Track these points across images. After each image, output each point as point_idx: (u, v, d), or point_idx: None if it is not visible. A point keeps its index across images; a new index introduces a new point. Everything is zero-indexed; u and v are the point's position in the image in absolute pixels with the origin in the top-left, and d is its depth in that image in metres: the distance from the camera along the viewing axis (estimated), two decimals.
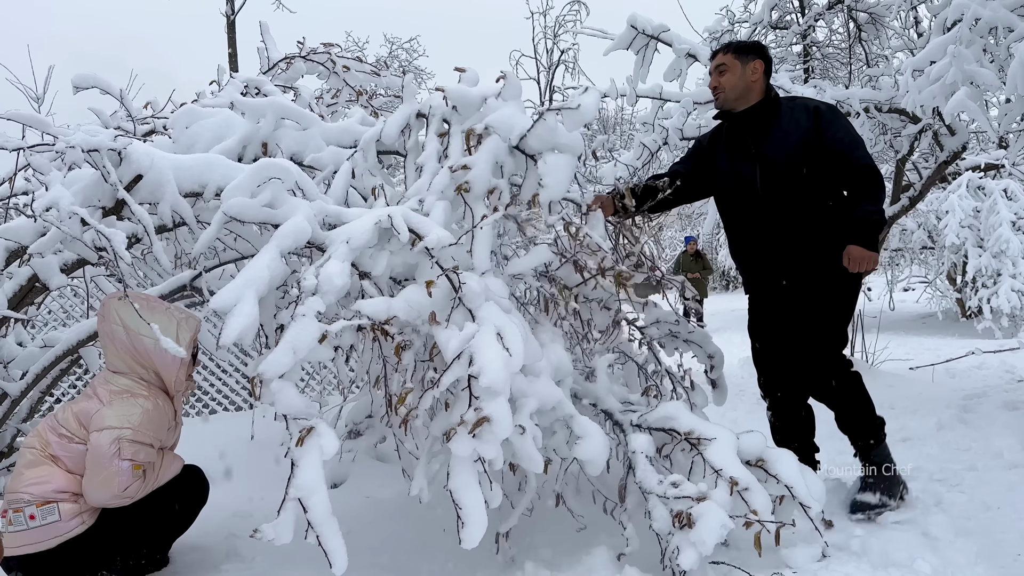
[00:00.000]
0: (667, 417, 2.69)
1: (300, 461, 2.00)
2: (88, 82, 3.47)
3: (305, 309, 2.09)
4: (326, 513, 1.98)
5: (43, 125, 2.69)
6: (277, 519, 1.97)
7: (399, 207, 2.41)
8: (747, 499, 2.42)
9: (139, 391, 2.68)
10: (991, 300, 9.31)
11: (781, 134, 3.07)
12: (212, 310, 2.06)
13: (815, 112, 3.05)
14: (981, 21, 4.02)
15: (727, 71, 3.13)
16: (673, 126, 5.49)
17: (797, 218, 3.05)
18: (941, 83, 4.10)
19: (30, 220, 2.59)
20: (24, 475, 2.56)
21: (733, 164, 3.19)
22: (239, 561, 2.98)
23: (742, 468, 2.49)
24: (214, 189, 2.59)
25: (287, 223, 2.28)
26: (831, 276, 3.03)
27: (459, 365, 2.13)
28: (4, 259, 2.67)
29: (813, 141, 3.01)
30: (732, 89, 3.13)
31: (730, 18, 9.00)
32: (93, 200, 2.47)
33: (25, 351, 3.41)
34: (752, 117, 3.14)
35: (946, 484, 3.46)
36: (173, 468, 2.76)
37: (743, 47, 3.18)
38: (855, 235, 2.91)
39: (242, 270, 2.14)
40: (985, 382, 6.04)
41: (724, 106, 3.19)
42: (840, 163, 2.99)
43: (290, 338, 2.04)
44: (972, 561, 2.57)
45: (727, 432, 2.62)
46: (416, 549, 3.05)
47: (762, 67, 3.13)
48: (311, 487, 1.97)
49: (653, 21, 5.10)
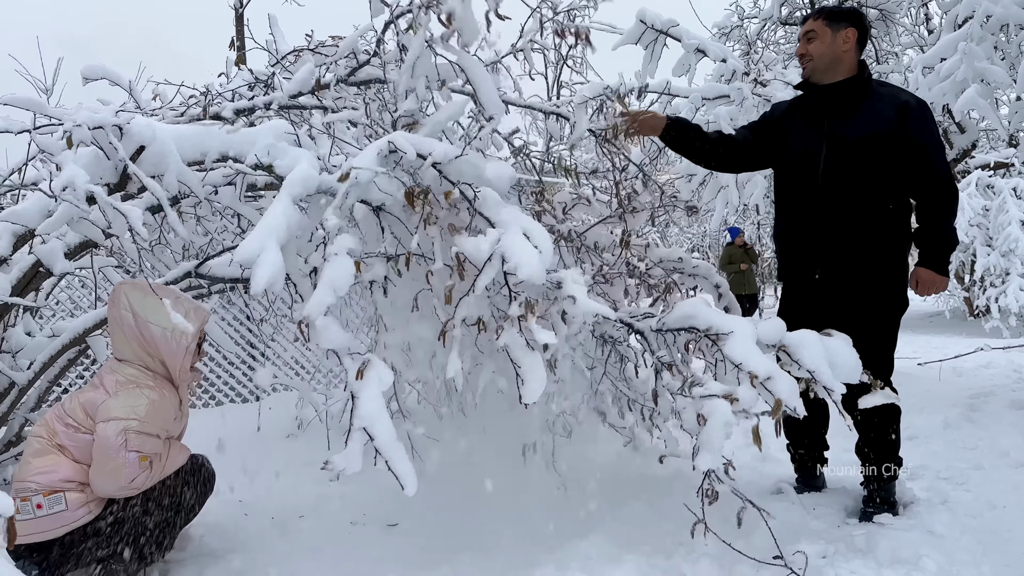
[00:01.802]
0: (686, 316, 2.59)
1: (361, 393, 2.04)
2: (97, 73, 3.47)
3: (336, 248, 2.13)
4: (392, 439, 2.02)
5: (41, 107, 2.68)
6: (345, 449, 2.00)
7: (397, 133, 2.41)
8: (771, 388, 2.32)
9: (145, 381, 2.69)
10: (999, 299, 9.28)
11: (860, 119, 2.86)
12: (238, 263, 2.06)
13: (903, 107, 2.81)
14: (992, 18, 4.00)
15: (815, 38, 2.93)
16: None
17: (850, 212, 2.88)
18: (951, 80, 4.09)
19: (36, 202, 2.58)
20: (31, 464, 2.57)
21: (801, 139, 3.01)
22: (245, 551, 2.99)
23: (762, 359, 2.37)
24: (215, 156, 2.60)
25: (294, 171, 2.29)
26: (868, 283, 2.89)
27: (492, 267, 2.15)
28: (12, 244, 2.66)
29: (891, 136, 2.80)
30: (820, 58, 2.93)
31: (739, 13, 8.97)
32: (96, 178, 2.46)
33: (33, 341, 3.42)
34: (834, 93, 2.93)
35: (952, 482, 3.45)
36: (180, 458, 2.77)
37: (836, 13, 2.94)
38: (927, 255, 2.76)
39: (259, 222, 2.15)
40: (992, 381, 6.02)
41: (810, 76, 2.99)
42: (917, 168, 2.80)
43: (327, 278, 2.08)
44: (978, 559, 2.57)
45: (744, 323, 2.49)
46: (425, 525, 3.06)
47: (855, 36, 2.90)
48: (374, 415, 2.02)
49: (662, 16, 5.08)
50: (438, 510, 3.40)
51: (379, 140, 2.38)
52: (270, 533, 3.21)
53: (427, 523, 3.24)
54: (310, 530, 3.25)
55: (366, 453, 2.01)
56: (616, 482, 3.70)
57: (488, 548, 2.92)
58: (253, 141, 2.55)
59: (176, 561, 2.90)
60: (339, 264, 2.11)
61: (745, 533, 2.56)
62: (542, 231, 2.24)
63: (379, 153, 2.32)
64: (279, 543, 3.10)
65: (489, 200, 2.28)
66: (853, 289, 2.93)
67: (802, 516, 3.02)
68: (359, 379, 2.07)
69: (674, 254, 3.25)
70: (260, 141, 2.52)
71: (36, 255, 2.78)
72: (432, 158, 2.28)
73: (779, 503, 3.10)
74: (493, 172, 2.39)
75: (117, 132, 2.43)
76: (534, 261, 2.11)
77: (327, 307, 2.06)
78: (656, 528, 2.92)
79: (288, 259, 2.18)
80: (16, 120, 2.88)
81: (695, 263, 3.26)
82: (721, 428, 2.26)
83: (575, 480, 3.45)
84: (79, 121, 2.36)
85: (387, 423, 2.03)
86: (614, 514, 3.16)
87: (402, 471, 2.01)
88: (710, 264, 3.34)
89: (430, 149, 2.31)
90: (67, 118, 2.42)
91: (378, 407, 2.03)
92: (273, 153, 2.47)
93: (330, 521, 3.36)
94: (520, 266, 2.10)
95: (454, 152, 2.30)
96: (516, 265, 2.11)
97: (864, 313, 2.89)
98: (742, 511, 2.40)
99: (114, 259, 3.94)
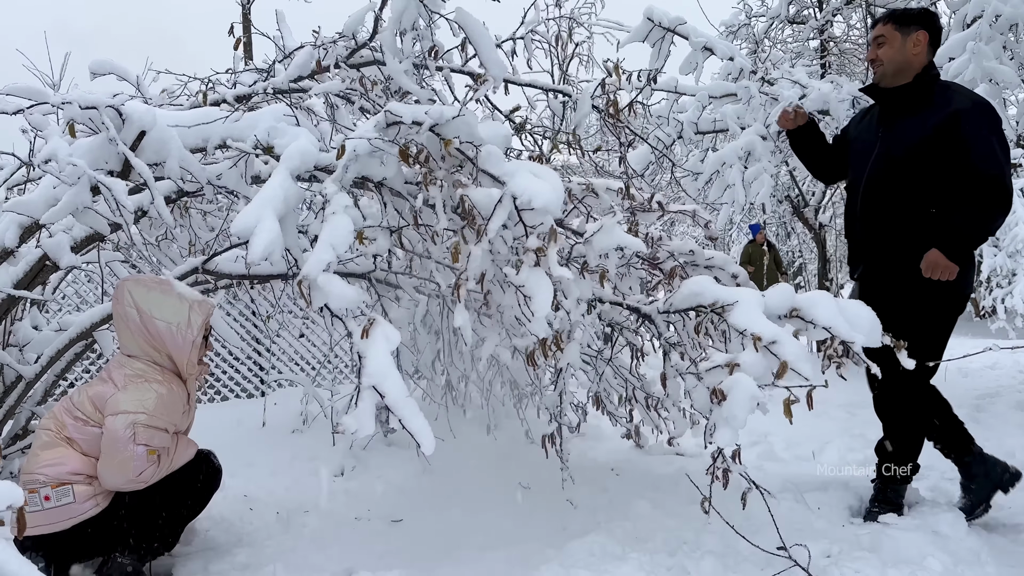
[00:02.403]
0: (692, 294, 2.56)
1: (368, 351, 1.97)
2: (105, 68, 3.48)
3: (334, 207, 2.09)
4: (403, 395, 1.94)
5: (42, 96, 2.69)
6: (355, 409, 1.93)
7: (392, 103, 2.40)
8: (776, 352, 2.25)
9: (153, 376, 2.70)
10: (1006, 300, 9.24)
11: (912, 122, 2.86)
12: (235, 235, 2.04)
13: (954, 116, 2.76)
14: (1001, 17, 3.99)
15: (885, 43, 2.91)
16: (688, 120, 5.46)
17: (889, 212, 2.90)
18: (960, 80, 4.07)
19: (42, 193, 2.57)
20: (40, 456, 2.58)
21: (860, 141, 3.07)
22: (250, 545, 3.00)
23: (765, 323, 2.32)
24: (217, 142, 2.59)
25: (292, 145, 2.28)
26: (901, 286, 2.89)
27: (503, 207, 2.12)
28: (18, 235, 2.66)
29: (941, 140, 2.77)
30: (890, 62, 2.91)
31: (747, 12, 8.95)
32: (100, 163, 2.45)
33: (40, 334, 3.43)
34: (895, 97, 2.94)
35: (957, 483, 3.44)
36: (187, 453, 2.78)
37: (906, 16, 2.91)
38: (941, 240, 2.75)
39: (256, 195, 2.13)
40: (998, 382, 6.01)
41: (880, 81, 2.98)
42: (962, 169, 2.75)
43: (326, 236, 2.03)
44: (982, 560, 2.56)
45: (750, 292, 2.46)
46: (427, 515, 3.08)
47: (926, 39, 2.87)
48: (383, 372, 1.94)
49: (670, 14, 5.06)
50: (442, 506, 3.42)
51: (375, 117, 2.38)
52: (275, 527, 3.22)
53: (431, 519, 3.26)
54: (315, 525, 3.26)
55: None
56: (620, 480, 3.71)
57: (492, 544, 2.93)
58: (254, 125, 2.54)
59: (182, 554, 2.92)
60: (337, 222, 2.06)
61: (751, 532, 2.57)
62: (550, 171, 2.20)
63: (376, 126, 2.31)
64: (284, 537, 3.11)
65: (493, 156, 2.24)
66: (889, 290, 2.95)
67: (806, 515, 3.02)
68: (364, 338, 2.00)
69: (686, 246, 3.23)
70: (261, 124, 2.51)
71: (43, 248, 2.79)
72: (429, 119, 2.24)
73: (783, 502, 3.09)
74: (488, 131, 2.36)
75: (115, 115, 2.42)
76: (547, 190, 2.09)
77: (327, 264, 2.00)
78: (660, 526, 2.93)
79: (287, 232, 2.14)
80: (12, 101, 2.86)
81: (709, 254, 3.22)
82: (746, 402, 2.20)
83: (580, 478, 3.46)
84: (70, 99, 2.34)
85: (397, 379, 1.95)
86: (618, 512, 3.17)
87: (416, 427, 1.92)
88: (725, 255, 3.32)
89: (425, 111, 2.28)
90: (59, 95, 2.40)
91: (387, 363, 1.95)
92: (273, 134, 2.45)
93: (335, 516, 3.37)
94: (534, 197, 2.08)
95: (451, 113, 2.26)
96: (530, 199, 2.08)
97: (899, 313, 2.85)
98: (747, 491, 2.39)
99: (120, 254, 3.95)
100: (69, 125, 2.38)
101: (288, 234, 2.18)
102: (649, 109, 4.96)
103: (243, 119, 2.54)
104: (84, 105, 2.36)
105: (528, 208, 2.10)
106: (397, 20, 2.75)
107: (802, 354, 2.24)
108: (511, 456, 4.09)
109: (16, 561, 1.45)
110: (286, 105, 2.70)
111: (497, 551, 2.83)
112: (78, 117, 2.36)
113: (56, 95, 2.47)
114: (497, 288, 2.53)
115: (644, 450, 4.38)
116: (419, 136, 2.30)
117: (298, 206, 2.29)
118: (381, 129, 2.33)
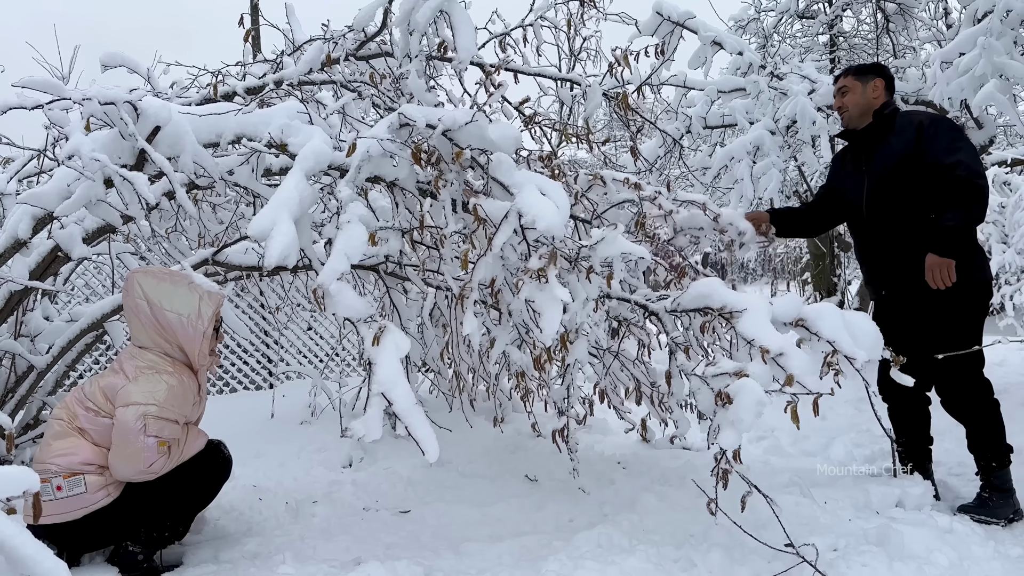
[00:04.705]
0: (701, 296, 2.59)
1: (378, 358, 2.02)
2: (115, 61, 3.50)
3: (348, 215, 2.13)
4: (411, 403, 1.98)
5: (58, 90, 2.70)
6: (364, 415, 1.97)
7: (406, 105, 2.43)
8: (783, 364, 2.31)
9: (164, 367, 2.71)
10: (1014, 297, 9.20)
11: (887, 150, 3.16)
12: (251, 237, 2.06)
13: (918, 127, 3.08)
14: (1013, 13, 3.96)
15: (848, 91, 3.28)
16: (696, 114, 5.46)
17: (896, 234, 3.13)
18: (970, 75, 4.06)
19: (55, 184, 2.59)
20: (52, 446, 2.60)
21: (850, 181, 3.34)
22: (259, 535, 3.02)
23: (774, 335, 2.37)
24: (230, 137, 2.61)
25: (306, 146, 2.30)
26: (927, 291, 3.00)
27: (508, 224, 2.15)
28: (31, 227, 2.68)
29: (914, 156, 3.05)
30: (855, 107, 3.27)
31: (756, 6, 8.92)
32: (114, 157, 2.47)
33: (51, 325, 3.45)
34: (865, 135, 3.26)
35: (964, 479, 3.45)
36: (198, 444, 2.79)
37: (862, 68, 3.34)
38: (931, 244, 2.93)
39: (271, 197, 2.15)
40: (1006, 379, 5.98)
41: (848, 125, 3.33)
42: (939, 177, 2.97)
43: (341, 245, 2.07)
44: (989, 556, 2.57)
45: (758, 300, 2.50)
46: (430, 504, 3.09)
47: (883, 84, 3.25)
48: (392, 380, 1.99)
49: (679, 8, 5.06)
50: (450, 498, 3.43)
51: (388, 117, 2.40)
52: (284, 517, 3.25)
53: (438, 510, 3.27)
54: (323, 515, 3.28)
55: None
56: (627, 474, 3.72)
57: (500, 536, 2.95)
58: (268, 122, 2.56)
59: (192, 543, 2.94)
60: (352, 231, 2.10)
61: (757, 527, 2.58)
62: (558, 187, 2.23)
63: (390, 127, 2.33)
64: (293, 527, 3.14)
65: (503, 164, 2.28)
66: (915, 300, 3.10)
67: (812, 510, 3.02)
68: (375, 345, 2.04)
69: (695, 220, 3.22)
70: (275, 121, 2.53)
71: (55, 240, 2.80)
72: (442, 125, 2.27)
73: (790, 497, 3.10)
74: (497, 133, 2.38)
75: (131, 110, 2.44)
76: (552, 213, 2.11)
77: (340, 273, 2.04)
78: (667, 519, 2.94)
79: (302, 234, 2.17)
80: (31, 97, 2.89)
81: (715, 212, 3.22)
82: (752, 407, 2.25)
83: (586, 471, 3.47)
84: (90, 95, 2.37)
85: (405, 388, 1.99)
86: (625, 505, 3.18)
87: (422, 435, 1.96)
88: (731, 210, 3.34)
89: (438, 116, 2.30)
90: (79, 90, 2.43)
91: (396, 372, 2.00)
92: (287, 132, 2.47)
93: (343, 507, 3.39)
94: (538, 218, 2.11)
95: (464, 118, 2.29)
96: (533, 219, 2.11)
97: (929, 315, 3.08)
98: (747, 495, 2.41)
99: (130, 245, 3.97)
100: (86, 121, 2.40)
101: (303, 235, 2.22)
102: (659, 91, 4.96)
103: (256, 115, 2.55)
104: (103, 101, 2.38)
105: (532, 228, 2.14)
106: (405, 19, 2.76)
107: (809, 367, 2.29)
108: (518, 448, 4.11)
109: (32, 545, 1.47)
110: (299, 101, 2.71)
111: (504, 542, 2.85)
112: (97, 113, 2.38)
113: (76, 91, 2.49)
114: (507, 289, 2.56)
115: (651, 444, 4.39)
116: (431, 139, 2.33)
117: (312, 207, 2.31)
118: (394, 130, 2.34)
